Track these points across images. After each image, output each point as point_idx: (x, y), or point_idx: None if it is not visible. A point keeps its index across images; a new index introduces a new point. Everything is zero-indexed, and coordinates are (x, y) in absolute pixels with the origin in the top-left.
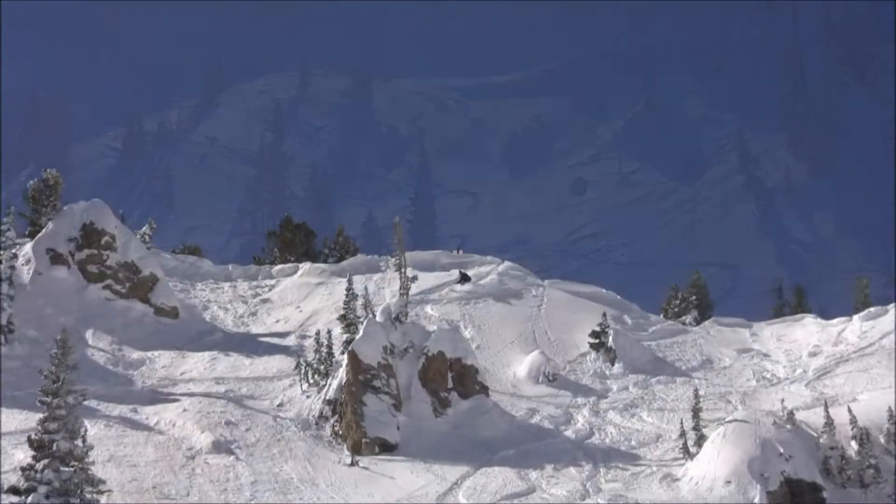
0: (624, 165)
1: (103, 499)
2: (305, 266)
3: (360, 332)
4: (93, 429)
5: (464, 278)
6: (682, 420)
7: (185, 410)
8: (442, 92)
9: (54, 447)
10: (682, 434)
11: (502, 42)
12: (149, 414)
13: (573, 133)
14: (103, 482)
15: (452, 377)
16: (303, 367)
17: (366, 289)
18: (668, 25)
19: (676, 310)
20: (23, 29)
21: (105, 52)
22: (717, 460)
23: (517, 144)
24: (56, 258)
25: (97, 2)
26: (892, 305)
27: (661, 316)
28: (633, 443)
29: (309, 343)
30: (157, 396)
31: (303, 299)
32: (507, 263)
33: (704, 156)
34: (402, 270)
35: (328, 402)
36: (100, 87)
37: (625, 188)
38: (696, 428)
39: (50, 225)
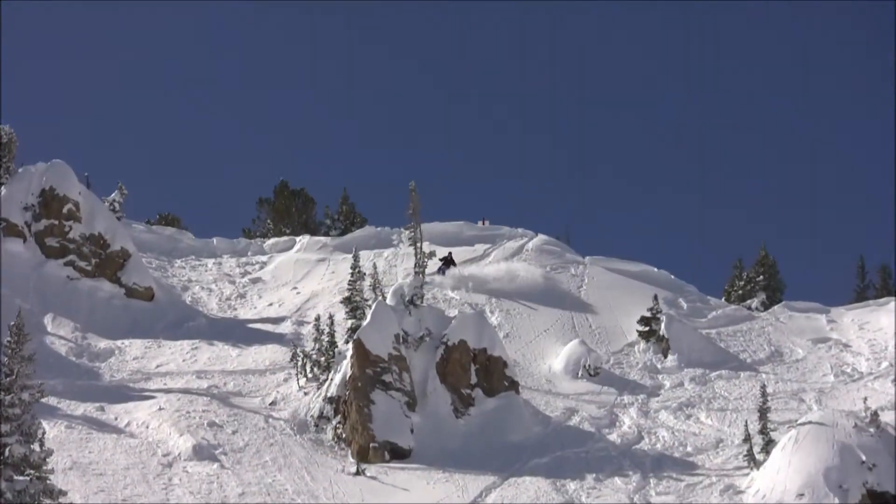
0: None
1: None
2: (303, 240)
3: (368, 318)
4: (52, 431)
5: (446, 263)
6: (746, 422)
7: (160, 409)
8: None
9: (7, 452)
10: (747, 438)
11: None
12: (118, 413)
13: None
14: (64, 493)
15: (476, 371)
16: (300, 359)
17: (374, 266)
18: None
19: (741, 292)
20: None
21: None
22: (787, 469)
23: None
24: (9, 229)
25: None
26: None
27: (723, 299)
28: (688, 449)
29: (307, 330)
30: (127, 393)
31: (300, 279)
32: (541, 237)
33: None
34: (418, 245)
35: (329, 401)
36: None
37: None
38: (764, 431)
39: (2, 190)
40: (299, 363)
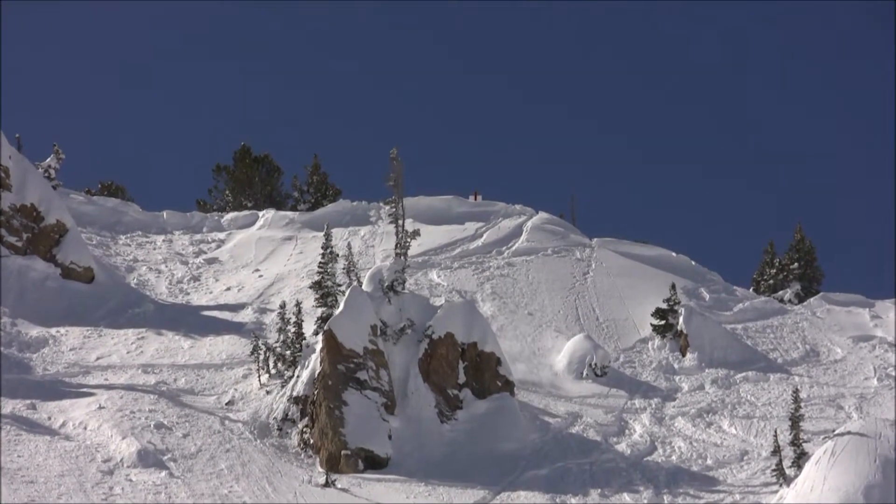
0: None
1: None
2: (267, 214)
3: (341, 306)
4: None
5: None
6: (776, 432)
7: (100, 408)
8: None
9: None
10: (776, 451)
11: None
12: (52, 412)
13: None
14: None
15: (465, 369)
16: (262, 353)
17: (349, 246)
18: None
19: (772, 281)
20: None
21: None
22: (822, 487)
23: None
24: None
25: None
26: None
27: (751, 289)
28: (709, 461)
29: (270, 319)
30: (63, 389)
31: (263, 260)
32: (542, 214)
33: None
34: (400, 222)
35: (295, 401)
36: None
37: None
38: (796, 443)
39: None
40: (261, 357)
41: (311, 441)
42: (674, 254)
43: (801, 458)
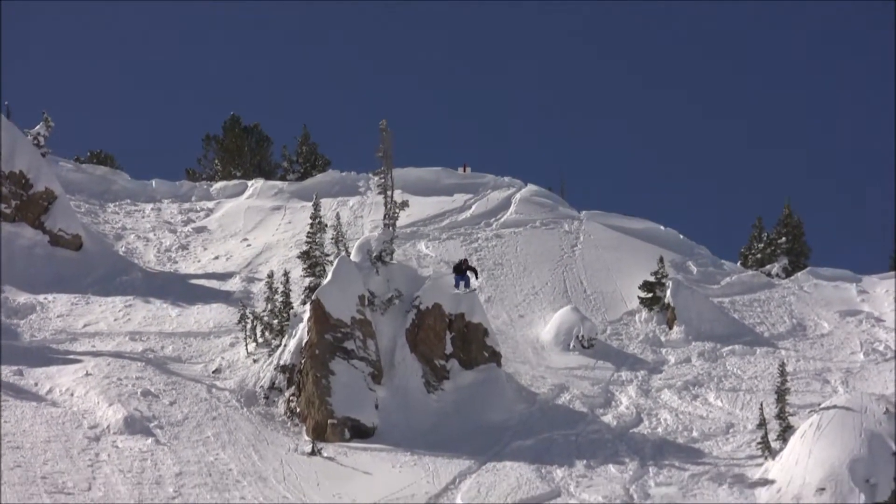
0: None
1: None
2: (256, 184)
3: (329, 276)
4: None
5: (462, 271)
6: (762, 405)
7: (87, 375)
8: None
9: None
10: (762, 424)
11: None
12: (39, 378)
13: None
14: None
15: (452, 339)
16: (249, 322)
17: (338, 217)
18: None
19: (760, 256)
20: None
21: None
22: (807, 460)
23: None
24: None
25: None
26: None
27: (739, 263)
28: (694, 434)
29: (258, 288)
30: (50, 355)
31: (251, 229)
32: (531, 187)
33: None
34: (389, 193)
35: (282, 370)
36: None
37: None
38: (781, 416)
39: None
40: (248, 326)
41: (298, 410)
42: (662, 227)
43: (786, 432)
